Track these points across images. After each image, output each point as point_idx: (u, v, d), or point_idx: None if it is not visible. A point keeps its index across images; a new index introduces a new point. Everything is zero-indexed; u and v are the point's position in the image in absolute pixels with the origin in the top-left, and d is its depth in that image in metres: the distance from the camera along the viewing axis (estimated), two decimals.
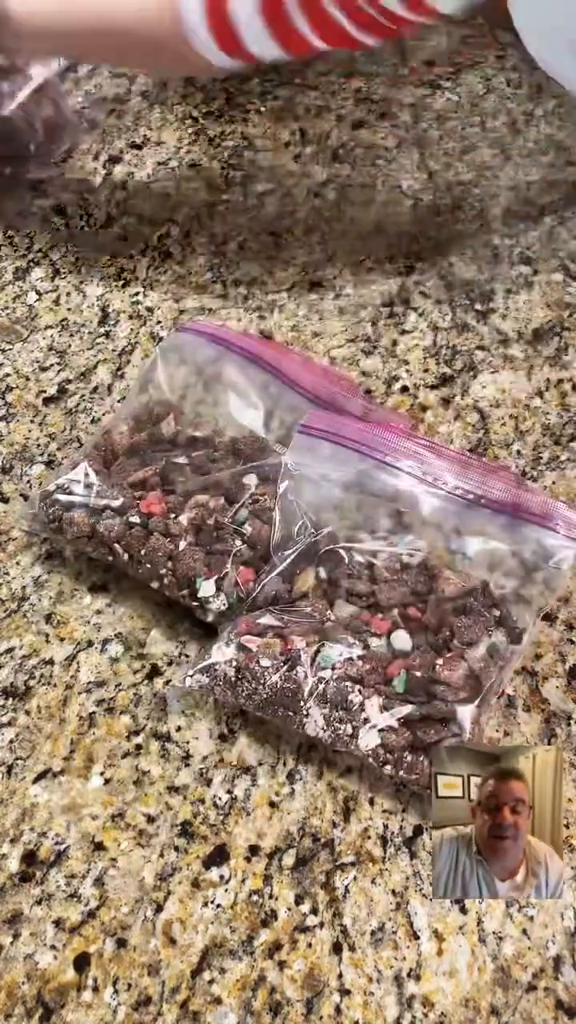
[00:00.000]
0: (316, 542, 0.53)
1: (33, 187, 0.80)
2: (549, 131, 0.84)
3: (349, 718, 0.47)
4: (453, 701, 0.47)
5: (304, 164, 0.81)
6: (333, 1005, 0.43)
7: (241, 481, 0.57)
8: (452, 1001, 0.43)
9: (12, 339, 0.70)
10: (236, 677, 0.49)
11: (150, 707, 0.52)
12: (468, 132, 0.84)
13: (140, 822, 0.48)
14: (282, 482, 0.55)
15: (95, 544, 0.55)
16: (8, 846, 0.48)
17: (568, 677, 0.53)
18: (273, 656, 0.49)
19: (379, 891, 0.46)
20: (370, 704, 0.47)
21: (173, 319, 0.70)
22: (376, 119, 0.85)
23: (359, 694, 0.47)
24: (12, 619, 0.56)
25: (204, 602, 0.52)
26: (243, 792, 0.49)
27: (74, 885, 0.46)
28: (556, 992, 0.43)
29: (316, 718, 0.48)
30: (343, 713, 0.47)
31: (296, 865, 0.47)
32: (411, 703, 0.47)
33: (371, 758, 0.47)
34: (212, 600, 0.52)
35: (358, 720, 0.47)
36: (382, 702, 0.47)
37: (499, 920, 0.45)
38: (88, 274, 0.74)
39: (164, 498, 0.55)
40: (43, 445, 0.64)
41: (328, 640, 0.49)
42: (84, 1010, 0.43)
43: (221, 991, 0.43)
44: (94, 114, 0.86)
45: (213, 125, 0.85)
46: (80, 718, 0.52)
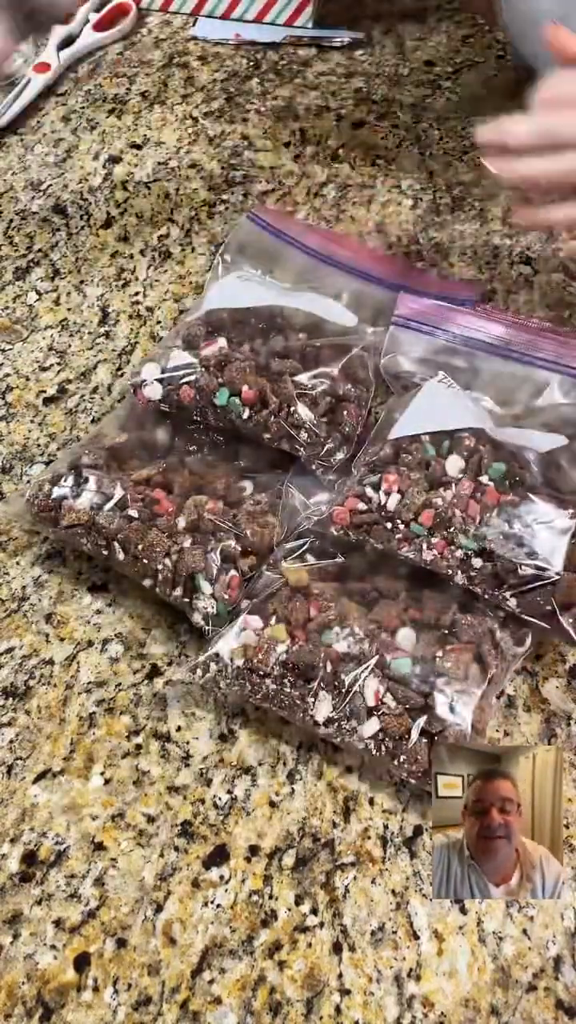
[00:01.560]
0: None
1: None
2: None
3: (351, 703, 0.47)
4: (453, 692, 0.47)
5: (304, 164, 0.81)
6: (333, 1005, 0.43)
7: (239, 486, 0.57)
8: (452, 1001, 0.43)
9: (12, 339, 0.70)
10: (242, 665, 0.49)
11: (150, 707, 0.52)
12: (468, 132, 0.84)
13: (140, 822, 0.48)
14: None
15: (91, 536, 0.54)
16: (8, 846, 0.48)
17: (568, 677, 0.53)
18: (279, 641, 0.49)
19: (379, 891, 0.46)
20: (370, 688, 0.47)
21: (173, 319, 0.70)
22: (376, 119, 0.85)
23: (361, 677, 0.47)
24: (12, 619, 0.56)
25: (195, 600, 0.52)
26: (243, 792, 0.49)
27: (74, 885, 0.46)
28: (556, 992, 0.43)
29: (323, 704, 0.47)
30: (346, 698, 0.47)
31: (296, 865, 0.47)
32: (412, 690, 0.47)
33: (371, 744, 0.47)
34: (204, 600, 0.52)
35: (358, 705, 0.47)
36: (383, 687, 0.47)
37: (499, 920, 0.45)
38: (88, 274, 0.74)
39: (166, 496, 0.55)
40: (43, 445, 0.64)
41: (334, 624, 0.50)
42: (84, 1010, 0.43)
43: (221, 991, 0.43)
44: (94, 114, 0.86)
45: (213, 125, 0.85)
46: (80, 718, 0.52)
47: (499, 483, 0.53)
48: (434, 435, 0.55)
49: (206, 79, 0.89)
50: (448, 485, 0.52)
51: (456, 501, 0.51)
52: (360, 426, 0.59)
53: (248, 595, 0.52)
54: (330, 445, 0.57)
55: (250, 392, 0.57)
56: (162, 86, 0.89)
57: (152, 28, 0.94)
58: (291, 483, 0.57)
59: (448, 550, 0.50)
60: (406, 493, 0.52)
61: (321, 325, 0.65)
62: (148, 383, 0.59)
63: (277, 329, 0.63)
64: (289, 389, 0.57)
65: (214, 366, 0.58)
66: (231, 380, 0.58)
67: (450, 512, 0.50)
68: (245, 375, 0.58)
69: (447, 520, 0.50)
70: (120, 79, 0.90)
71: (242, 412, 0.57)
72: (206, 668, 0.49)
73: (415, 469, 0.53)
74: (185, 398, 0.59)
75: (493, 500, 0.51)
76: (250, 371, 0.58)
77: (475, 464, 0.53)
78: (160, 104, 0.87)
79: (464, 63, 0.91)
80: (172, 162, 0.82)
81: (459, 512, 0.50)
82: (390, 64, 0.91)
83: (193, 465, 0.58)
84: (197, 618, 0.52)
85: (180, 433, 0.60)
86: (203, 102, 0.87)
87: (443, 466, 0.53)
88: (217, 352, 0.59)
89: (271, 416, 0.57)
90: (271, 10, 0.90)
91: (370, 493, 0.53)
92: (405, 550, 0.51)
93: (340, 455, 0.58)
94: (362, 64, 0.90)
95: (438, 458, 0.54)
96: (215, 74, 0.90)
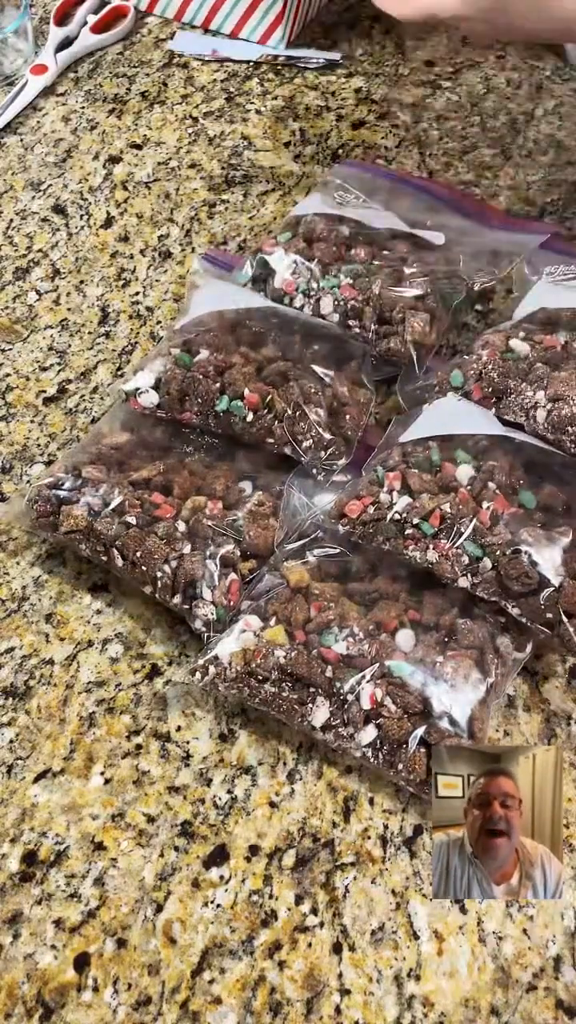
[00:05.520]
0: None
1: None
2: (549, 131, 0.84)
3: (348, 710, 0.47)
4: (453, 699, 0.47)
5: (304, 164, 0.81)
6: (333, 1005, 0.43)
7: (238, 487, 0.57)
8: (452, 1001, 0.43)
9: (12, 339, 0.70)
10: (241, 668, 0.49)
11: (150, 707, 0.52)
12: (468, 132, 0.84)
13: (140, 822, 0.48)
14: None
15: (89, 543, 0.54)
16: (8, 846, 0.48)
17: (568, 677, 0.53)
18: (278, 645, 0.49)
19: (379, 891, 0.46)
20: (366, 692, 0.47)
21: (172, 319, 0.70)
22: (376, 119, 0.85)
23: (359, 684, 0.47)
24: (12, 619, 0.56)
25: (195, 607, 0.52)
26: (243, 792, 0.49)
27: (74, 885, 0.46)
28: (556, 992, 0.44)
29: (320, 711, 0.47)
30: (343, 705, 0.47)
31: (296, 865, 0.47)
32: (411, 694, 0.47)
33: (369, 752, 0.47)
34: (204, 607, 0.52)
35: (355, 712, 0.47)
36: (382, 691, 0.47)
37: (499, 920, 0.45)
38: (88, 274, 0.74)
39: (165, 499, 0.55)
40: (43, 445, 0.64)
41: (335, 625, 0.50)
42: (84, 1010, 0.43)
43: (221, 991, 0.43)
44: (94, 114, 0.86)
45: (213, 125, 0.85)
46: (80, 718, 0.52)
47: (508, 491, 0.53)
48: (445, 440, 0.55)
49: (206, 79, 0.89)
50: (457, 490, 0.52)
51: (464, 506, 0.51)
52: (361, 430, 0.59)
53: (248, 596, 0.52)
54: (332, 449, 0.57)
55: (253, 396, 0.57)
56: (162, 86, 0.89)
57: (152, 28, 0.94)
58: (292, 484, 0.57)
59: (453, 553, 0.50)
60: (416, 495, 0.52)
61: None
62: (143, 391, 0.59)
63: (276, 331, 0.63)
64: (295, 394, 0.57)
65: (213, 371, 0.58)
66: (232, 384, 0.58)
67: (458, 516, 0.51)
68: (246, 379, 0.58)
69: (455, 524, 0.50)
70: (120, 79, 0.90)
71: (246, 416, 0.57)
72: (205, 671, 0.49)
73: (426, 472, 0.53)
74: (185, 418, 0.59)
75: (501, 507, 0.51)
76: (250, 375, 0.58)
77: (486, 471, 0.53)
78: (160, 104, 0.87)
79: (464, 63, 0.91)
80: (172, 162, 0.82)
81: (467, 517, 0.51)
82: (390, 64, 0.91)
83: (192, 465, 0.58)
84: (198, 624, 0.52)
85: (178, 435, 0.60)
86: (203, 102, 0.87)
87: (453, 471, 0.53)
88: (214, 357, 0.59)
89: (275, 421, 0.57)
90: (245, 26, 0.90)
91: (380, 492, 0.53)
92: (411, 550, 0.51)
93: (342, 460, 0.58)
94: (362, 64, 0.90)
95: (449, 463, 0.54)
96: (215, 74, 0.90)
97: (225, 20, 0.91)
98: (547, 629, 0.49)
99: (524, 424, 0.57)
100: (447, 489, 0.53)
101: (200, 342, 0.60)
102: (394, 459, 0.55)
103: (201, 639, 0.52)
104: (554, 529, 0.51)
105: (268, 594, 0.52)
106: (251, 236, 0.76)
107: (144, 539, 0.53)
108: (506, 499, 0.52)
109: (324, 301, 0.64)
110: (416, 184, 0.76)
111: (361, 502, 0.53)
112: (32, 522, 0.56)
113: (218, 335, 0.61)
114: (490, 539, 0.50)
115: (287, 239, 0.68)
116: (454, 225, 0.71)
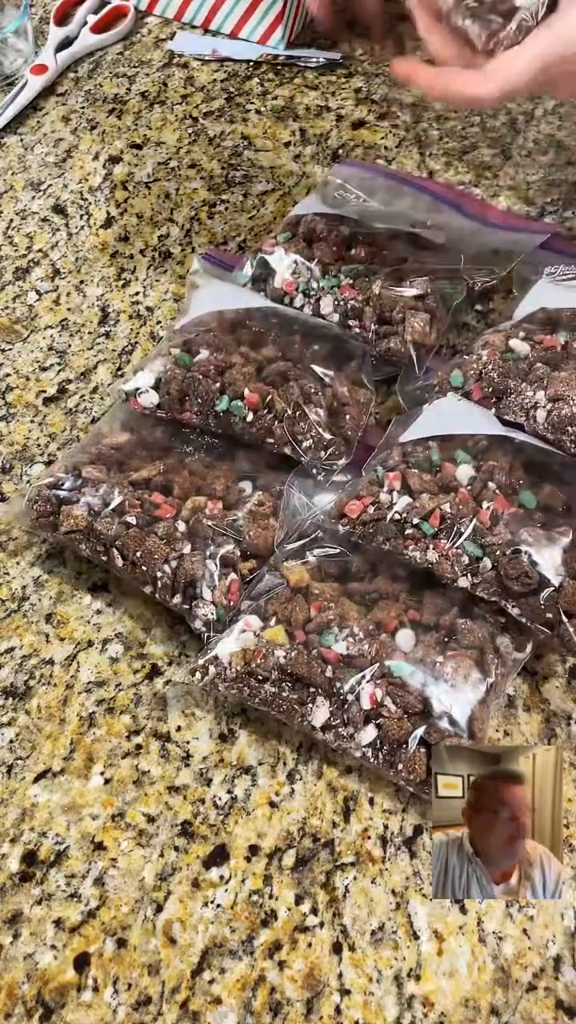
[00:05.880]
0: None
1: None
2: (549, 131, 0.84)
3: (348, 710, 0.47)
4: (453, 699, 0.47)
5: (304, 164, 0.81)
6: (333, 1005, 0.43)
7: (238, 487, 0.57)
8: (452, 1001, 0.43)
9: (12, 339, 0.70)
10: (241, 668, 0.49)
11: (150, 707, 0.52)
12: (468, 132, 0.84)
13: (140, 822, 0.48)
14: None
15: (89, 543, 0.54)
16: (8, 846, 0.48)
17: (568, 677, 0.53)
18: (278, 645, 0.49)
19: (379, 891, 0.46)
20: (366, 692, 0.47)
21: (172, 319, 0.70)
22: (376, 119, 0.85)
23: (359, 684, 0.47)
24: (12, 619, 0.56)
25: (195, 607, 0.52)
26: (243, 792, 0.49)
27: (74, 885, 0.46)
28: (556, 992, 0.44)
29: (320, 711, 0.47)
30: (343, 705, 0.47)
31: (296, 865, 0.47)
32: (411, 694, 0.47)
33: (369, 752, 0.47)
34: (204, 607, 0.52)
35: (355, 712, 0.47)
36: (382, 691, 0.47)
37: (499, 920, 0.45)
38: (88, 274, 0.74)
39: (165, 499, 0.55)
40: (43, 445, 0.64)
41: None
42: (84, 1010, 0.43)
43: (221, 991, 0.43)
44: (94, 114, 0.86)
45: (213, 125, 0.85)
46: (80, 718, 0.52)
47: (508, 491, 0.53)
48: (445, 440, 0.55)
49: (206, 79, 0.89)
50: (457, 490, 0.52)
51: (464, 506, 0.51)
52: (361, 430, 0.59)
53: (248, 596, 0.52)
54: (332, 449, 0.57)
55: (253, 396, 0.57)
56: (162, 86, 0.89)
57: (152, 28, 0.94)
58: (292, 484, 0.57)
59: (453, 553, 0.50)
60: (416, 495, 0.52)
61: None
62: (143, 391, 0.59)
63: (276, 331, 0.63)
64: (295, 394, 0.57)
65: (213, 371, 0.58)
66: (232, 384, 0.58)
67: (458, 516, 0.51)
68: (246, 379, 0.58)
69: (455, 524, 0.50)
70: (120, 79, 0.90)
71: (246, 416, 0.57)
72: (205, 671, 0.49)
73: (426, 472, 0.53)
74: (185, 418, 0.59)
75: (501, 507, 0.51)
76: (250, 376, 0.58)
77: (486, 471, 0.53)
78: (160, 104, 0.87)
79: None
80: (172, 162, 0.82)
81: (467, 517, 0.51)
82: (390, 64, 0.90)
83: (192, 465, 0.58)
84: (198, 624, 0.52)
85: (178, 435, 0.60)
86: (203, 102, 0.87)
87: (453, 471, 0.53)
88: (214, 357, 0.59)
89: (275, 421, 0.57)
90: (245, 26, 0.90)
91: (380, 492, 0.53)
92: (411, 550, 0.51)
93: (342, 460, 0.58)
94: (362, 64, 0.90)
95: (449, 463, 0.54)
96: (215, 74, 0.90)
97: (225, 20, 0.91)
98: (547, 629, 0.49)
99: (524, 424, 0.57)
100: (447, 489, 0.53)
101: (200, 342, 0.60)
102: (394, 459, 0.55)
103: (201, 639, 0.52)
104: (554, 529, 0.51)
105: (268, 594, 0.52)
106: (251, 236, 0.76)
107: (144, 539, 0.53)
108: (506, 499, 0.52)
109: (324, 301, 0.64)
110: (416, 184, 0.76)
111: (361, 502, 0.53)
112: (32, 522, 0.56)
113: (218, 335, 0.61)
114: (490, 539, 0.50)
115: (287, 239, 0.68)
116: (454, 225, 0.71)
